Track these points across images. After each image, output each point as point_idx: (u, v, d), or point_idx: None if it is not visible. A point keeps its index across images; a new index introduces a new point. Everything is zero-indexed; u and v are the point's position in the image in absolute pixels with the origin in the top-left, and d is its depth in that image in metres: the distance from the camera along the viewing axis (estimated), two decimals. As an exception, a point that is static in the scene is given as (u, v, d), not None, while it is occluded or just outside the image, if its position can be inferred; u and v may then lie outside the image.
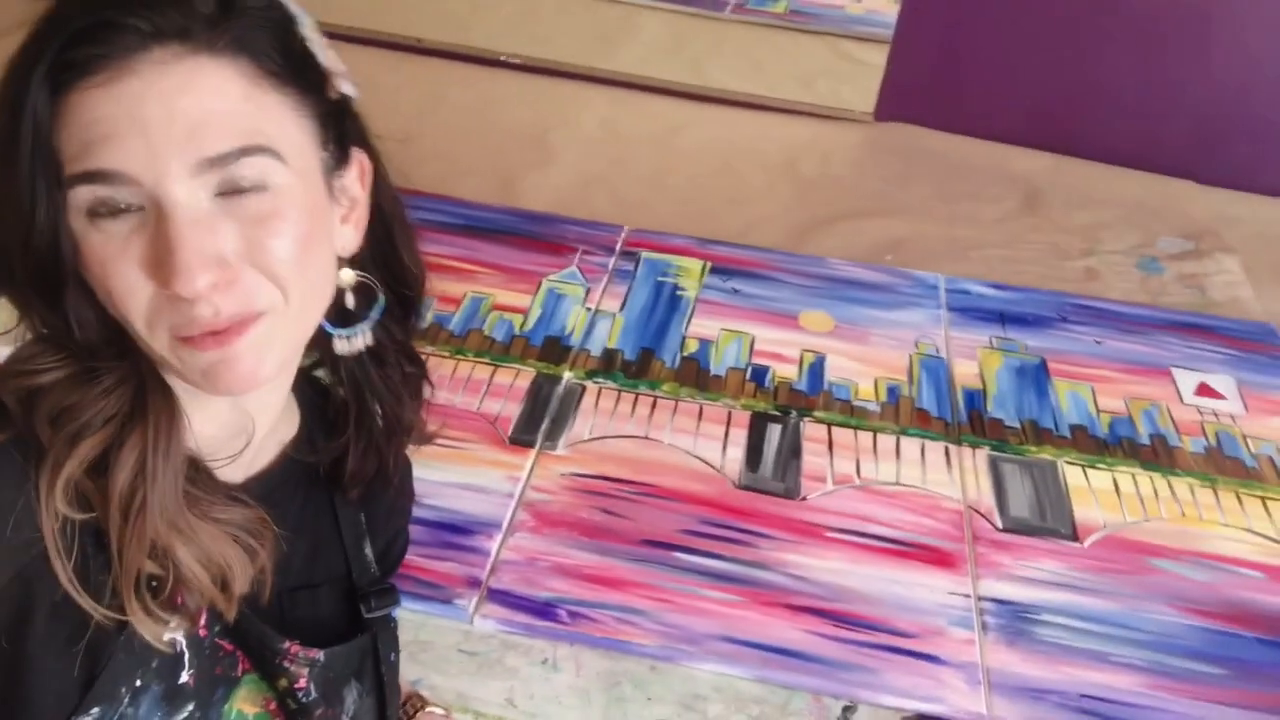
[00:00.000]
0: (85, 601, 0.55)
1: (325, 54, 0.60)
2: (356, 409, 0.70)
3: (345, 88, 0.61)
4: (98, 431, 0.55)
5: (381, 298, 0.67)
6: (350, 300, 0.66)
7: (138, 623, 0.57)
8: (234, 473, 0.64)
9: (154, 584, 0.57)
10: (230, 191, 0.53)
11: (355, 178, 0.63)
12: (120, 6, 0.51)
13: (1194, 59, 2.01)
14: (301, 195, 0.56)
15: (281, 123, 0.55)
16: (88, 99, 0.51)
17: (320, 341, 0.67)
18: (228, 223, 0.53)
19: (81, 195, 0.51)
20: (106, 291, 0.54)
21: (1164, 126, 2.06)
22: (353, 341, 0.67)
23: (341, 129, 0.62)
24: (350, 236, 0.64)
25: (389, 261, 0.68)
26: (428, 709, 0.92)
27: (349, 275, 0.65)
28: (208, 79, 0.52)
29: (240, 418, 0.64)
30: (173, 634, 0.61)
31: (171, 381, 0.59)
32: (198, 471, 0.59)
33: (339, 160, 0.61)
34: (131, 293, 0.53)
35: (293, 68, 0.57)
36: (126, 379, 0.56)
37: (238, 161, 0.53)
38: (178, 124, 0.51)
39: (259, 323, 0.56)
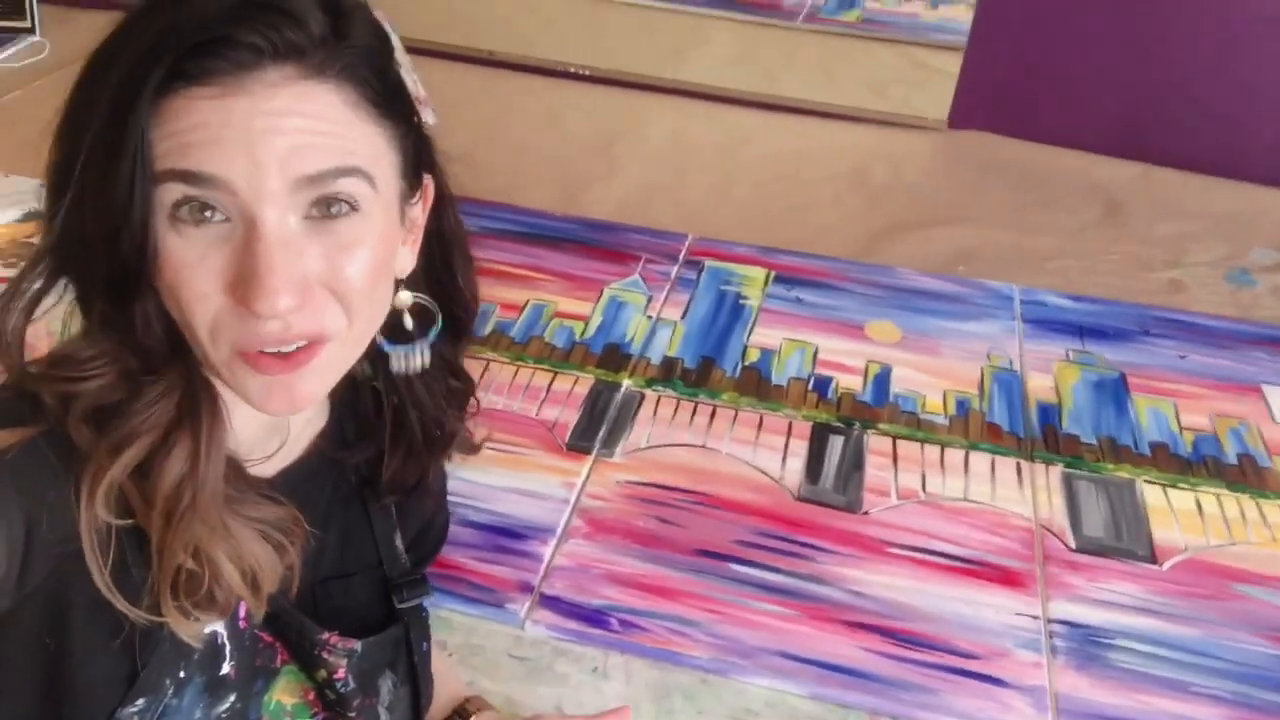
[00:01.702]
0: (121, 604, 0.56)
1: (413, 80, 0.60)
2: (394, 418, 0.70)
3: (427, 115, 0.61)
4: (143, 437, 0.56)
5: (440, 321, 0.66)
6: (408, 321, 0.66)
7: (173, 621, 0.58)
8: (266, 467, 0.64)
9: (189, 582, 0.58)
10: (319, 215, 0.54)
11: (420, 203, 0.63)
12: (238, 22, 0.51)
13: (1289, 62, 1.92)
14: (382, 223, 0.57)
15: (374, 152, 0.56)
16: (194, 106, 0.51)
17: (368, 351, 0.67)
18: (313, 246, 0.54)
19: (172, 193, 0.51)
20: (175, 297, 0.54)
21: (1255, 134, 1.97)
22: (410, 360, 0.67)
23: (419, 157, 0.61)
24: (407, 259, 0.64)
25: (444, 283, 0.68)
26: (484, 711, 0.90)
27: (406, 297, 0.65)
28: (314, 103, 0.53)
29: (275, 419, 0.65)
30: (210, 628, 0.61)
31: (216, 384, 0.59)
32: (233, 470, 0.60)
33: (413, 188, 0.61)
34: (202, 301, 0.53)
35: (389, 97, 0.57)
36: (175, 384, 0.57)
37: (334, 182, 0.53)
38: (282, 142, 0.51)
39: (324, 349, 0.56)
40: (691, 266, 1.65)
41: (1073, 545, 1.19)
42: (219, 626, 0.63)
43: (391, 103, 0.57)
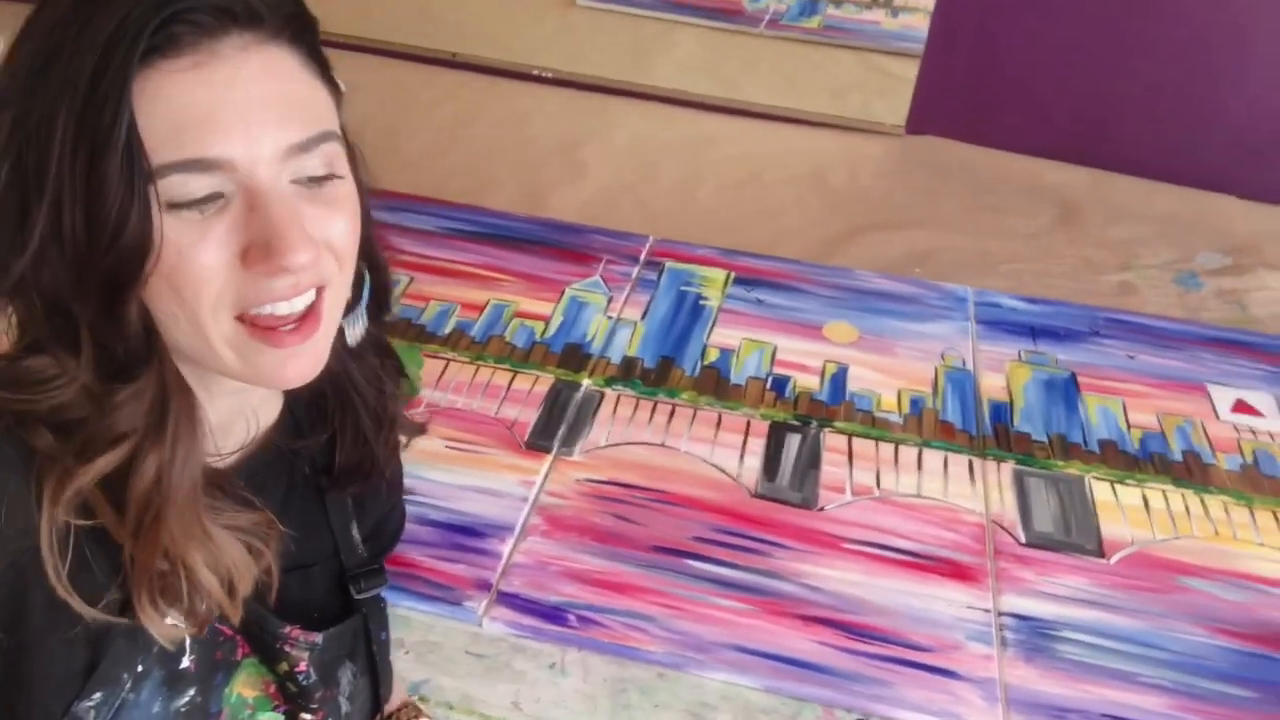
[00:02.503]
0: (78, 604, 0.55)
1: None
2: (339, 402, 0.70)
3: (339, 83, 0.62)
4: (116, 446, 0.54)
5: (369, 280, 0.67)
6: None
7: (149, 624, 0.57)
8: (223, 460, 0.64)
9: (165, 590, 0.57)
10: (306, 180, 0.55)
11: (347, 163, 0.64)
12: None
13: (1235, 72, 1.97)
14: (353, 182, 0.58)
15: (331, 112, 0.57)
16: (171, 81, 0.49)
17: None
18: (307, 209, 0.54)
19: (173, 184, 0.50)
20: (175, 280, 0.52)
21: (1204, 141, 2.01)
22: (356, 329, 0.67)
23: (340, 118, 0.63)
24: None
25: (369, 250, 0.68)
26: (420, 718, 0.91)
27: None
28: (282, 66, 0.53)
29: (240, 404, 0.64)
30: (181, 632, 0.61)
31: (186, 374, 0.59)
32: (206, 478, 0.59)
33: (350, 151, 0.62)
34: (207, 278, 0.52)
35: (322, 59, 0.58)
36: (146, 390, 0.55)
37: (317, 148, 0.54)
38: (269, 110, 0.52)
39: (324, 302, 0.57)
40: (652, 267, 1.67)
41: (1023, 540, 1.21)
42: (181, 621, 0.63)
43: (323, 62, 0.58)
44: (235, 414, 0.64)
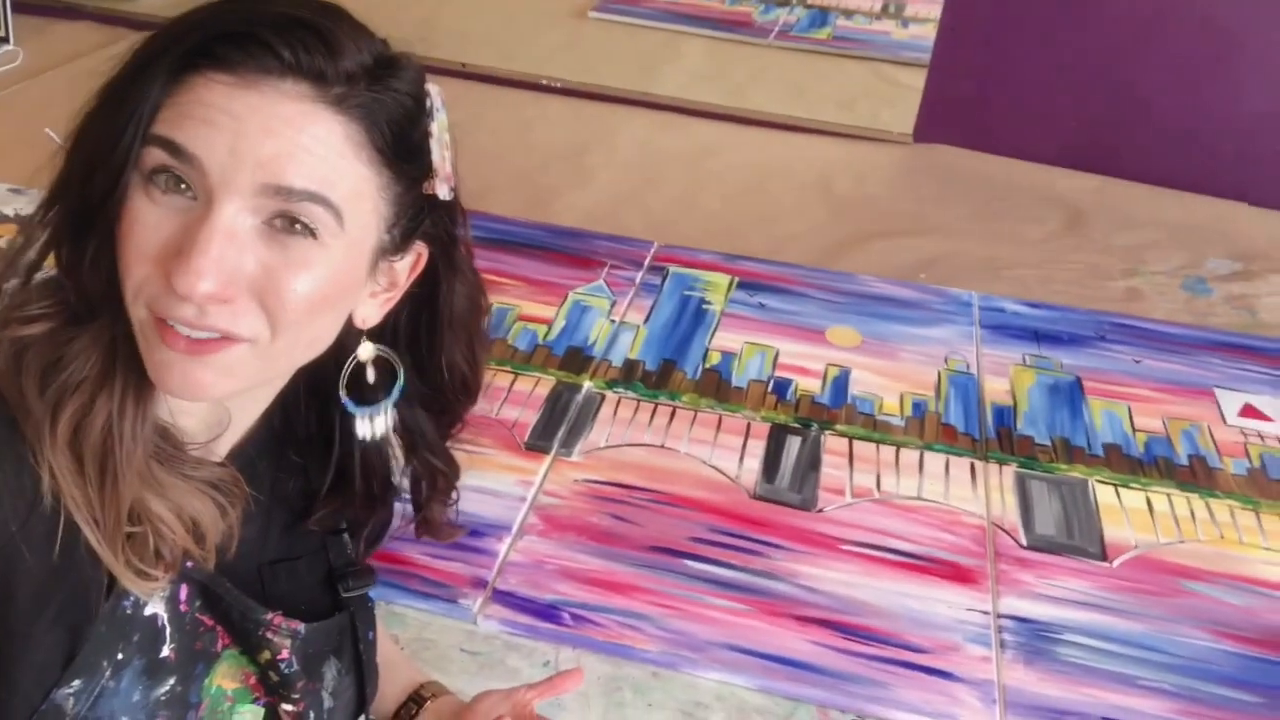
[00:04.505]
0: (113, 563, 0.56)
1: (441, 153, 0.60)
2: (338, 472, 0.70)
3: (440, 190, 0.61)
4: (75, 392, 0.56)
5: (402, 378, 0.66)
6: (370, 374, 0.66)
7: (122, 577, 0.57)
8: (218, 446, 0.64)
9: (133, 540, 0.58)
10: (278, 228, 0.54)
11: (406, 265, 0.63)
12: (278, 30, 0.53)
13: (1244, 79, 1.96)
14: (340, 262, 0.57)
15: (360, 194, 0.56)
16: (207, 86, 0.53)
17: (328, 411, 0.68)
18: (258, 251, 0.54)
19: (153, 156, 0.53)
20: (122, 249, 0.55)
21: (1213, 147, 2.00)
22: (375, 423, 0.66)
23: (415, 222, 0.61)
24: (372, 311, 0.64)
25: (420, 354, 0.68)
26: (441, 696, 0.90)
27: (369, 349, 0.65)
28: (316, 126, 0.54)
29: (219, 412, 0.64)
30: (151, 609, 0.61)
31: None
32: (167, 436, 0.60)
33: (397, 247, 0.61)
34: (137, 261, 0.54)
35: (398, 153, 0.57)
36: (101, 337, 0.57)
37: (300, 203, 0.54)
38: (268, 146, 0.53)
39: (236, 347, 0.56)
40: (656, 272, 1.67)
41: (1024, 543, 1.20)
42: (160, 609, 0.63)
43: (398, 158, 0.57)
44: (210, 411, 0.64)
